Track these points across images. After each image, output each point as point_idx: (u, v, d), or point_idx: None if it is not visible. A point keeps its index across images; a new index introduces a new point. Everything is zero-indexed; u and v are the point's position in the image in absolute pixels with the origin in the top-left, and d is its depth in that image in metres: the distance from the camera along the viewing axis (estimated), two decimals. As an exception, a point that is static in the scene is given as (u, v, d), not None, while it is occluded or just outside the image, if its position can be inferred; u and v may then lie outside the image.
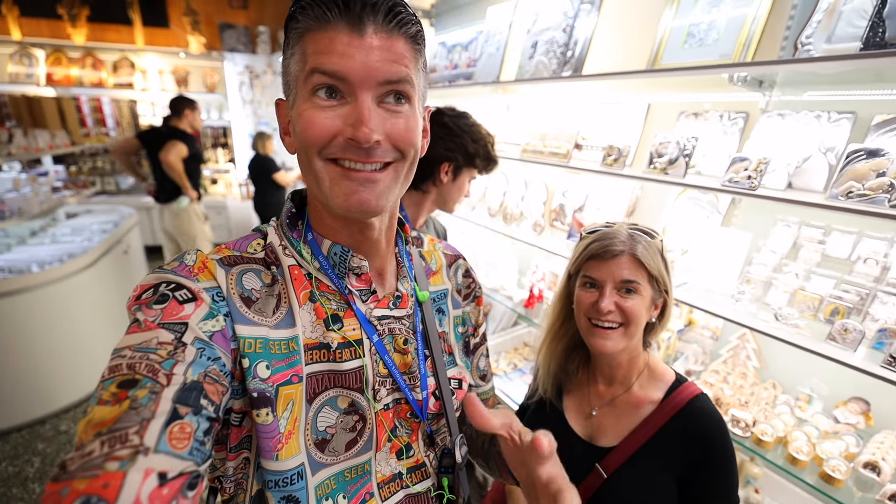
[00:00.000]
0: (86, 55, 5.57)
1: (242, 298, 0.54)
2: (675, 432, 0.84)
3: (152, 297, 0.48)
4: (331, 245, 0.60)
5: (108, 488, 0.35)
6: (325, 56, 0.49)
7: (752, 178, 1.19)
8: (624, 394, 0.92)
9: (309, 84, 0.50)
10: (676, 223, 1.64)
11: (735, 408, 1.42)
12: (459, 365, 0.75)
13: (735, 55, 1.34)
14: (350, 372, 0.59)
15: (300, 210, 0.63)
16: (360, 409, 0.59)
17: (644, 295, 0.85)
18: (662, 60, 1.52)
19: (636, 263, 0.84)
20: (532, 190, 2.27)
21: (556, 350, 0.99)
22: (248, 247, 0.58)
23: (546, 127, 1.94)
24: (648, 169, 1.44)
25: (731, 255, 1.44)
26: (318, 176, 0.53)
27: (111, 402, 0.41)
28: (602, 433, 0.92)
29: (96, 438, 0.38)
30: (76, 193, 3.87)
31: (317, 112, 0.51)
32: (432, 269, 0.77)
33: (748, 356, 1.60)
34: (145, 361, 0.43)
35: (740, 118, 1.49)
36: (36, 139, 3.70)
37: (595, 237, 0.88)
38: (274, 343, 0.54)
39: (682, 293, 1.44)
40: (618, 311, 0.84)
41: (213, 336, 0.49)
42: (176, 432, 0.41)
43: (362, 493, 0.59)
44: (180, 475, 0.40)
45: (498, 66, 2.10)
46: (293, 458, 0.53)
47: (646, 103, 1.74)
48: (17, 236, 3.56)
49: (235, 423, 0.53)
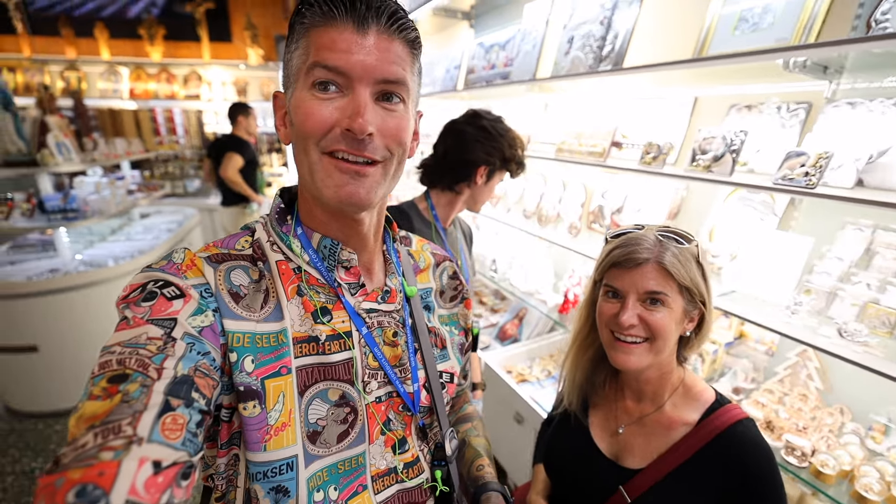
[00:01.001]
0: (161, 70, 6.14)
1: (231, 294, 0.54)
2: (711, 460, 0.75)
3: (140, 295, 0.49)
4: (321, 238, 0.61)
5: (104, 476, 0.36)
6: (328, 52, 0.51)
7: (811, 174, 1.06)
8: (655, 412, 0.84)
9: (310, 77, 0.52)
10: (725, 226, 1.50)
11: (791, 433, 1.27)
12: (451, 359, 0.75)
13: (794, 39, 1.20)
14: (339, 364, 0.59)
15: (289, 206, 0.64)
16: (352, 401, 0.60)
17: (673, 307, 0.76)
18: (710, 50, 1.40)
19: (663, 273, 0.75)
20: (570, 191, 2.18)
21: (581, 360, 0.92)
22: (235, 244, 0.60)
23: (583, 125, 1.85)
24: (691, 167, 1.33)
25: (788, 262, 1.28)
26: (312, 167, 0.55)
27: (102, 397, 0.41)
28: (629, 453, 0.85)
29: (89, 431, 0.39)
30: (147, 195, 4.25)
31: (316, 103, 0.53)
32: (420, 266, 0.77)
33: (810, 376, 1.43)
34: (135, 357, 0.44)
35: (801, 109, 1.33)
36: (115, 146, 4.12)
37: (618, 242, 0.80)
38: (261, 337, 0.55)
39: (729, 303, 1.31)
40: (642, 324, 0.76)
41: (203, 331, 0.50)
42: (169, 423, 0.41)
43: (355, 486, 0.59)
44: (174, 464, 0.40)
45: (534, 63, 2.04)
46: (284, 448, 0.54)
47: (692, 97, 1.61)
48: (98, 234, 3.99)
49: (225, 419, 0.54)
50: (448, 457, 0.68)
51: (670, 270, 0.75)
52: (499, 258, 2.65)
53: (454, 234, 1.50)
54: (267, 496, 0.53)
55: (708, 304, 0.80)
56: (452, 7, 2.89)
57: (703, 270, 0.79)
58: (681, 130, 1.62)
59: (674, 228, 0.80)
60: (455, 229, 1.52)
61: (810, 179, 1.06)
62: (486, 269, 2.74)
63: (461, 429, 0.85)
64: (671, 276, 0.75)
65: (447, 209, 1.42)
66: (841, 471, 1.14)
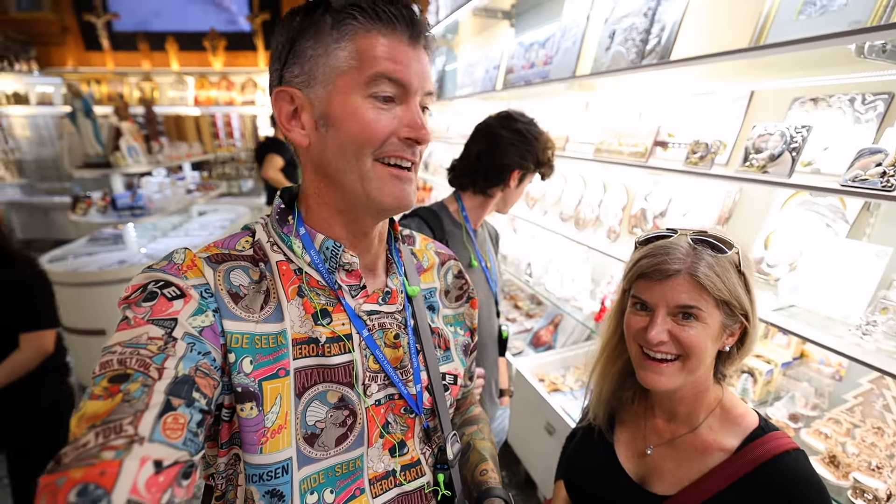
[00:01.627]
0: (222, 79, 6.58)
1: (230, 294, 0.54)
2: (752, 492, 0.67)
3: (141, 296, 0.50)
4: (324, 239, 0.60)
5: (105, 476, 0.36)
6: (392, 63, 0.53)
7: (889, 174, 0.92)
8: (688, 434, 0.76)
9: (372, 87, 0.53)
10: (784, 233, 1.35)
11: (861, 472, 1.11)
12: (455, 360, 0.74)
13: (872, 21, 1.05)
14: (339, 366, 0.59)
15: (289, 206, 0.63)
16: (351, 404, 0.59)
17: (709, 323, 0.68)
18: (769, 38, 1.27)
19: (697, 286, 0.67)
20: (611, 193, 2.06)
21: (610, 372, 0.85)
22: (236, 244, 0.60)
23: (624, 125, 1.75)
24: (743, 167, 1.20)
25: (860, 276, 1.12)
26: (364, 174, 0.56)
27: (103, 397, 0.41)
28: (657, 477, 0.77)
29: (90, 431, 0.39)
30: (204, 194, 4.54)
31: (376, 113, 0.54)
32: (424, 266, 0.76)
33: (887, 406, 1.24)
34: (136, 357, 0.44)
35: (880, 101, 1.17)
36: (178, 149, 4.45)
37: (647, 251, 0.73)
38: (260, 338, 0.54)
39: (786, 319, 1.17)
40: (672, 341, 0.69)
41: (203, 331, 0.50)
42: (170, 423, 0.42)
43: (352, 489, 0.58)
44: (175, 464, 0.40)
45: (574, 60, 1.96)
46: (280, 451, 0.53)
47: (747, 91, 1.47)
48: (161, 229, 4.32)
49: (226, 418, 0.54)
50: (450, 461, 0.66)
51: (704, 284, 0.67)
52: (534, 262, 2.57)
53: (482, 236, 1.48)
54: (262, 499, 0.53)
55: (752, 317, 0.71)
56: (493, 7, 2.85)
57: (746, 280, 0.70)
58: (734, 128, 1.48)
59: (712, 232, 0.72)
60: (483, 231, 1.50)
61: (888, 180, 0.92)
62: (521, 272, 2.66)
63: (466, 431, 0.83)
64: (706, 290, 0.67)
65: (478, 212, 1.40)
66: (922, 520, 0.98)
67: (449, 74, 3.88)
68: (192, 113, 6.59)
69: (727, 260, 0.69)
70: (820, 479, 0.67)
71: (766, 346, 1.49)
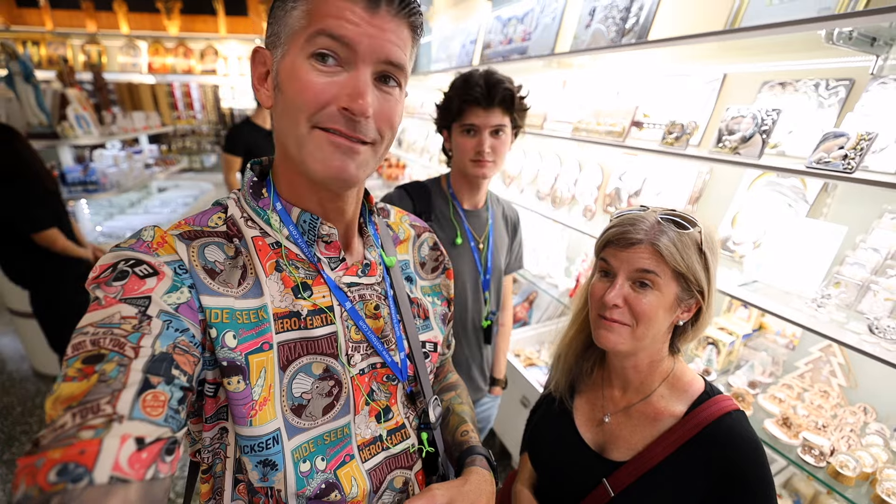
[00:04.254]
0: (178, 45, 6.13)
1: (206, 270, 0.53)
2: (696, 454, 0.72)
3: (111, 275, 0.48)
4: (300, 213, 0.59)
5: (85, 454, 0.35)
6: (336, 20, 0.48)
7: (850, 157, 0.97)
8: (641, 402, 0.80)
9: (311, 45, 0.49)
10: (750, 212, 1.41)
11: (809, 431, 1.21)
12: (434, 329, 0.76)
13: (840, 9, 1.10)
14: (322, 338, 0.59)
15: (261, 179, 0.61)
16: (336, 374, 0.60)
17: (664, 292, 0.72)
18: (743, 22, 1.30)
19: (656, 254, 0.71)
20: (586, 172, 2.10)
21: (575, 342, 0.90)
22: (208, 221, 0.58)
23: (602, 104, 1.76)
24: (716, 148, 1.24)
25: (818, 252, 1.20)
26: (300, 140, 0.52)
27: (78, 378, 0.40)
28: (614, 445, 0.81)
29: (66, 412, 0.38)
30: (164, 170, 4.29)
31: (314, 75, 0.50)
32: (400, 237, 0.78)
33: (833, 372, 1.36)
34: (110, 336, 0.43)
35: (842, 87, 1.22)
36: (133, 120, 4.15)
37: (616, 222, 0.77)
38: (241, 313, 0.54)
39: (749, 293, 1.24)
40: (626, 307, 0.73)
41: (179, 308, 0.49)
42: (149, 400, 0.41)
43: (342, 456, 0.60)
44: (158, 440, 0.40)
45: (553, 37, 1.94)
46: (267, 423, 0.53)
47: (720, 74, 1.51)
48: (118, 206, 4.07)
49: (210, 393, 0.54)
50: (432, 423, 0.69)
51: (663, 253, 0.71)
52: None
53: (483, 217, 1.38)
54: (255, 469, 0.54)
55: (708, 296, 0.75)
56: (470, -23, 2.76)
57: (707, 260, 0.73)
58: (707, 110, 1.52)
59: (679, 212, 0.75)
60: (490, 212, 1.39)
61: (849, 163, 0.98)
62: (497, 251, 2.69)
63: (445, 397, 0.86)
64: (664, 260, 0.71)
65: (462, 185, 1.32)
66: (862, 473, 1.09)
67: (423, 48, 3.77)
68: (147, 81, 6.14)
69: (689, 237, 0.72)
70: (756, 438, 0.71)
71: (729, 319, 1.58)
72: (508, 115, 1.21)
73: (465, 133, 1.23)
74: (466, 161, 1.24)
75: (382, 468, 0.64)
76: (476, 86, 1.18)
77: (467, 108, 1.20)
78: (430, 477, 0.70)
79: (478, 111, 1.19)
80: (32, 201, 2.10)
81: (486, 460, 0.71)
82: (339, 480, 0.58)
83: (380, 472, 0.63)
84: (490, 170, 1.24)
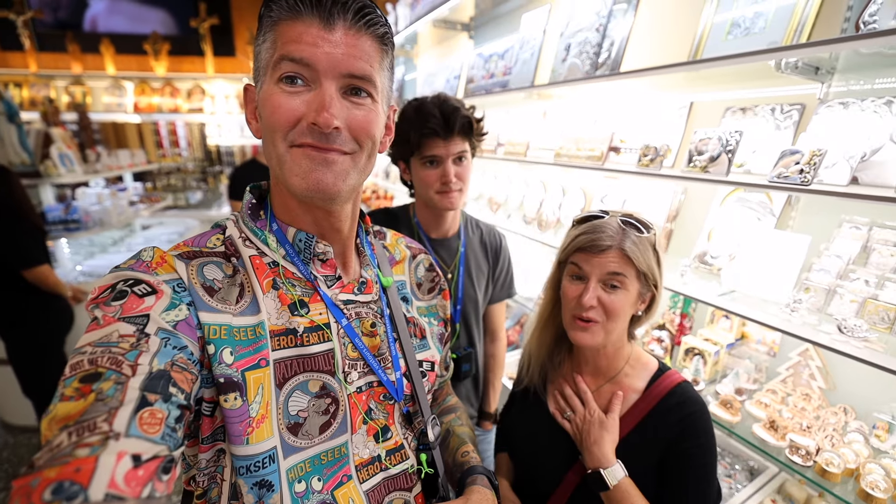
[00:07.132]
0: (165, 84, 6.24)
1: (205, 287, 0.54)
2: (656, 423, 0.84)
3: (110, 295, 0.48)
4: (296, 232, 0.61)
5: (81, 472, 0.35)
6: (295, 45, 0.51)
7: (805, 171, 1.08)
8: (608, 383, 0.92)
9: (277, 71, 0.53)
10: (724, 227, 1.51)
11: (795, 433, 1.26)
12: (432, 348, 0.76)
13: (786, 41, 1.23)
14: (319, 355, 0.59)
15: (260, 202, 0.64)
16: (333, 392, 0.60)
17: (630, 290, 0.83)
18: (704, 55, 1.44)
19: (625, 258, 0.81)
20: (570, 197, 2.20)
21: (544, 337, 0.98)
22: (206, 242, 0.59)
23: (581, 131, 1.88)
24: (688, 168, 1.35)
25: (787, 261, 1.29)
26: (280, 159, 0.55)
27: (75, 398, 0.40)
28: None
29: (62, 431, 0.38)
30: (149, 207, 4.27)
31: (283, 97, 0.53)
32: (396, 258, 0.79)
33: (812, 375, 1.42)
34: (108, 355, 0.43)
35: (795, 111, 1.36)
36: (118, 158, 4.16)
37: (584, 229, 0.86)
38: (238, 330, 0.54)
39: (729, 302, 1.31)
40: (600, 307, 0.83)
41: (178, 325, 0.49)
42: (146, 418, 0.41)
43: (339, 476, 0.59)
44: (155, 458, 0.39)
45: (532, 71, 2.09)
46: (264, 441, 0.53)
47: (688, 101, 1.64)
48: (99, 245, 4.00)
49: (207, 412, 0.53)
50: (431, 443, 0.68)
51: (630, 257, 0.81)
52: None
53: (454, 246, 1.33)
54: (251, 491, 0.52)
55: (660, 287, 0.87)
56: (452, 19, 2.95)
57: (658, 256, 0.85)
58: (678, 134, 1.64)
59: (636, 216, 0.86)
60: (458, 239, 1.34)
61: (805, 176, 1.08)
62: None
63: (445, 419, 0.86)
64: (631, 262, 0.81)
65: (425, 213, 1.29)
66: (846, 469, 1.13)
67: (409, 84, 3.94)
68: (133, 120, 6.19)
69: (646, 240, 0.84)
70: (702, 400, 0.85)
71: (713, 330, 1.65)
72: (468, 141, 1.21)
73: (428, 165, 1.20)
74: (432, 193, 1.21)
75: (381, 489, 0.63)
76: (432, 116, 1.15)
77: (426, 141, 1.17)
78: (429, 500, 0.68)
79: (438, 142, 1.16)
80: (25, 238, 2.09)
81: (488, 479, 0.71)
82: (337, 501, 0.57)
83: (378, 493, 0.62)
84: (457, 199, 1.22)
